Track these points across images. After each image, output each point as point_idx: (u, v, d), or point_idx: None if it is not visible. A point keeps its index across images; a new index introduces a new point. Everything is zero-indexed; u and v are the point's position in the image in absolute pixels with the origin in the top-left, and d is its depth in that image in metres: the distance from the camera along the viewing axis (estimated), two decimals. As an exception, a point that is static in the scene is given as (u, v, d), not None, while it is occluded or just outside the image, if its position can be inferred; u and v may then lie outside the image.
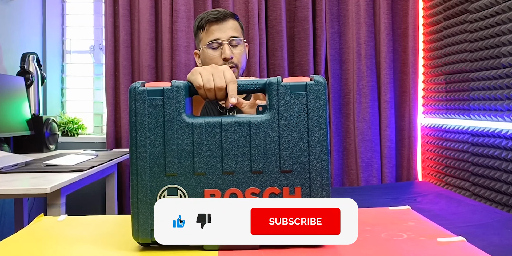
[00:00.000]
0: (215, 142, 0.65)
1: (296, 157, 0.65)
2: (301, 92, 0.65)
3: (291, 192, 0.65)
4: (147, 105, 0.65)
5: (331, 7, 2.58)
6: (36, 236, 0.75)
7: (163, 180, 0.65)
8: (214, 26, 1.26)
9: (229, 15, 1.28)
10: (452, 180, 2.25)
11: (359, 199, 0.76)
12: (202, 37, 1.29)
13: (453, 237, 0.69)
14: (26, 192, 1.25)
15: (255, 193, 0.65)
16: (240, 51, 1.28)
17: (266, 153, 0.65)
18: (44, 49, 2.71)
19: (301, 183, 0.65)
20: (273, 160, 0.65)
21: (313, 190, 0.65)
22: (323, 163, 0.65)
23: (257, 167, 0.65)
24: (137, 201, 0.65)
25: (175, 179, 0.65)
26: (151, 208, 0.64)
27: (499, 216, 1.61)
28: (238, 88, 0.70)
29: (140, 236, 0.65)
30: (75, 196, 2.11)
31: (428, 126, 2.49)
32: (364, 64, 2.53)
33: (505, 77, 1.82)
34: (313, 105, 0.65)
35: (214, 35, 1.26)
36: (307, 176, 0.65)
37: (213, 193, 0.66)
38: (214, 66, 0.73)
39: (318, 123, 0.65)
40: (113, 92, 2.57)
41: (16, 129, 2.03)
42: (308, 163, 0.65)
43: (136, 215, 0.65)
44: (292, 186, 0.65)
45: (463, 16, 2.13)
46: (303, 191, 0.65)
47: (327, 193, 0.66)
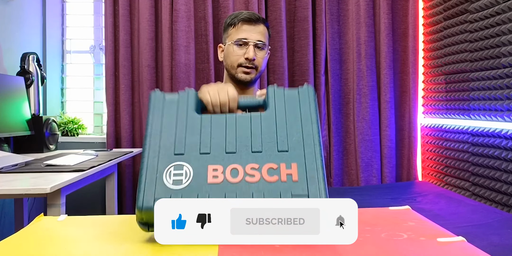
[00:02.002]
0: (220, 130, 0.74)
1: (292, 143, 0.73)
2: (294, 96, 0.77)
3: (288, 167, 0.70)
4: (164, 102, 0.77)
5: (331, 7, 2.58)
6: (36, 236, 0.75)
7: (171, 158, 0.72)
8: (246, 26, 1.29)
9: (262, 20, 1.32)
10: (452, 180, 2.25)
11: (359, 199, 0.76)
12: (231, 33, 1.32)
13: (453, 237, 0.69)
14: (26, 192, 1.25)
15: (254, 168, 0.70)
16: (263, 55, 1.31)
17: (264, 138, 0.74)
18: (44, 49, 2.71)
19: (297, 160, 0.71)
20: (271, 143, 0.73)
21: (308, 166, 0.71)
22: (316, 148, 0.72)
23: (256, 148, 0.72)
24: (145, 173, 0.71)
25: (182, 158, 0.72)
26: (157, 179, 0.70)
27: (499, 216, 1.61)
28: (239, 104, 0.84)
29: (144, 204, 0.67)
30: (75, 196, 2.11)
31: (428, 126, 2.49)
32: (364, 64, 2.53)
33: (505, 77, 1.82)
34: (304, 106, 0.76)
35: (243, 34, 1.29)
36: (302, 153, 0.72)
37: (216, 168, 0.70)
38: (219, 84, 0.86)
39: (310, 119, 0.75)
40: (113, 92, 2.57)
41: (16, 129, 2.03)
42: (303, 145, 0.73)
43: (143, 184, 0.70)
44: (288, 162, 0.71)
45: (463, 16, 2.13)
46: (299, 166, 0.71)
47: (322, 170, 0.70)
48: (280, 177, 0.70)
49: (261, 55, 1.30)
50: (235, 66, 1.30)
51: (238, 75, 1.30)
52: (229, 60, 1.31)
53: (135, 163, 2.59)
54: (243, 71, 1.29)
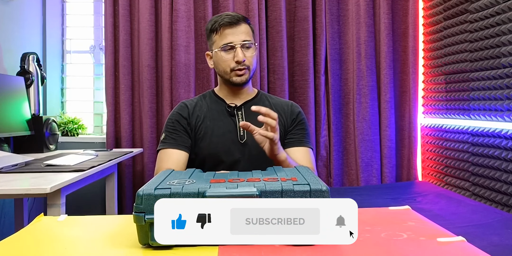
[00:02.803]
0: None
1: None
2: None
3: (288, 177, 0.75)
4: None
5: (331, 7, 2.58)
6: (36, 236, 0.75)
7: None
8: (228, 29, 1.29)
9: (242, 19, 1.32)
10: (452, 180, 2.25)
11: (359, 199, 0.76)
12: (216, 40, 1.32)
13: (453, 237, 0.69)
14: (26, 192, 1.25)
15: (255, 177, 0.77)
16: (252, 53, 1.32)
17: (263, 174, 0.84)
18: (44, 49, 2.71)
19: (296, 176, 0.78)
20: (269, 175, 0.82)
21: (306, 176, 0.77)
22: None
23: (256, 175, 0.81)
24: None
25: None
26: (162, 181, 0.73)
27: (499, 216, 1.61)
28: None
29: (144, 191, 0.67)
30: (75, 196, 2.11)
31: (428, 126, 2.49)
32: (364, 64, 2.53)
33: (505, 77, 1.82)
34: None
35: (227, 38, 1.29)
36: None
37: (218, 181, 0.74)
38: None
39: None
40: (113, 92, 2.57)
41: (16, 129, 2.03)
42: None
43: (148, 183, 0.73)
44: (288, 177, 0.76)
45: (463, 16, 2.13)
46: (298, 177, 0.76)
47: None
48: (279, 179, 0.72)
49: (250, 54, 1.30)
50: (228, 71, 1.30)
51: (233, 79, 1.30)
52: (221, 66, 1.31)
53: (135, 163, 2.59)
54: (236, 74, 1.29)
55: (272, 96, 1.45)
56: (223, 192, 0.66)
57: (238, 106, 1.36)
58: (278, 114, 1.36)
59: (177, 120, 1.33)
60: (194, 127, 1.33)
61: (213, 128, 1.32)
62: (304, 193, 0.67)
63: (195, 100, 1.40)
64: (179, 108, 1.37)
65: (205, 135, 1.32)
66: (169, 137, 1.31)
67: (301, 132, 1.36)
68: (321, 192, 0.67)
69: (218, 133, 1.31)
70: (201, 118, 1.34)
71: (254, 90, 1.42)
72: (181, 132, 1.32)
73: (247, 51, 1.30)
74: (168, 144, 1.30)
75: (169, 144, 1.30)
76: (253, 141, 1.28)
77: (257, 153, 1.28)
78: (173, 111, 1.37)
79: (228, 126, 1.32)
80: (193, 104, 1.37)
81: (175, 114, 1.35)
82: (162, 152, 1.31)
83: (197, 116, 1.34)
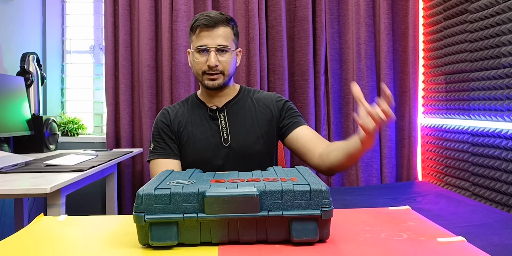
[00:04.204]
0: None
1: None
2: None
3: (288, 178, 0.76)
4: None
5: (331, 7, 2.58)
6: (36, 236, 0.75)
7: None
8: (204, 32, 1.25)
9: (221, 21, 1.26)
10: (452, 180, 2.25)
11: (359, 199, 0.76)
12: (193, 40, 1.30)
13: (453, 237, 0.69)
14: (26, 192, 1.25)
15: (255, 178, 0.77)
16: (228, 58, 1.27)
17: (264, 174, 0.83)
18: (44, 49, 2.71)
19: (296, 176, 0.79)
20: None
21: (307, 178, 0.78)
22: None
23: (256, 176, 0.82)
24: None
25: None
26: (162, 181, 0.74)
27: (499, 216, 1.62)
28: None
29: (144, 191, 0.67)
30: (75, 196, 2.11)
31: (428, 126, 2.49)
32: (364, 64, 2.53)
33: (505, 77, 1.82)
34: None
35: (202, 41, 1.25)
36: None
37: (218, 181, 0.74)
38: None
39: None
40: (113, 92, 2.57)
41: (16, 129, 2.03)
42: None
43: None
44: (288, 177, 0.77)
45: (463, 16, 2.13)
46: (298, 177, 0.77)
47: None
48: (279, 179, 0.73)
49: (225, 58, 1.26)
50: (200, 73, 1.27)
51: (204, 83, 1.27)
52: (194, 68, 1.29)
53: (135, 163, 2.59)
54: (208, 78, 1.26)
55: (256, 90, 1.41)
56: (223, 192, 0.66)
57: (220, 108, 1.33)
58: (264, 108, 1.34)
59: (161, 128, 1.32)
60: (177, 133, 1.31)
61: (195, 134, 1.30)
62: (304, 193, 0.67)
63: (177, 106, 1.38)
64: (160, 115, 1.35)
65: (188, 142, 1.30)
66: (158, 147, 1.30)
67: (294, 115, 1.34)
68: (321, 192, 0.67)
69: (200, 138, 1.29)
70: (183, 123, 1.32)
71: (236, 88, 1.37)
72: (167, 140, 1.30)
73: (223, 56, 1.26)
74: (157, 154, 1.29)
75: (158, 154, 1.29)
76: (237, 143, 1.27)
77: (242, 156, 1.27)
78: (156, 119, 1.35)
79: (210, 130, 1.30)
80: (174, 110, 1.35)
81: (158, 122, 1.33)
82: (154, 163, 1.29)
83: (179, 121, 1.32)
